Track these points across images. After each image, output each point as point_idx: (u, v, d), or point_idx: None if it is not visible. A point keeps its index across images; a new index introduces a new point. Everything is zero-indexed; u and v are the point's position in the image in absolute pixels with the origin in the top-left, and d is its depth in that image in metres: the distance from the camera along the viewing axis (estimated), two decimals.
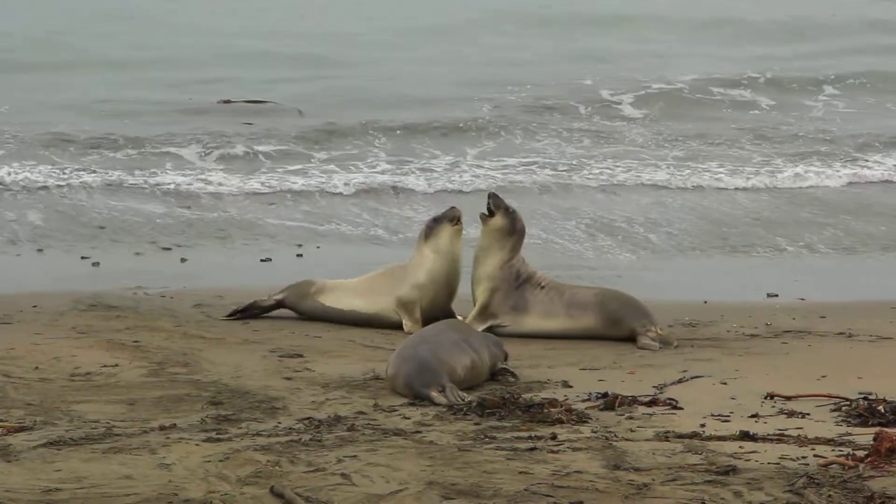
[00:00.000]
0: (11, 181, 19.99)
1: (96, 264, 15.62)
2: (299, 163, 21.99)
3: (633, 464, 7.89)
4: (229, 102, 26.36)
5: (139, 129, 23.63)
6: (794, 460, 8.00)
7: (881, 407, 9.32)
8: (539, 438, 8.49)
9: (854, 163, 23.02)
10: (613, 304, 12.61)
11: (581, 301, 12.67)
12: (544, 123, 25.19)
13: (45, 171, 20.58)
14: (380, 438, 8.47)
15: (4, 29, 33.80)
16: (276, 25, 36.32)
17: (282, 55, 32.14)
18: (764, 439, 8.54)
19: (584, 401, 9.73)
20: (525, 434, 8.63)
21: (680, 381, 10.55)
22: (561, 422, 8.97)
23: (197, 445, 8.25)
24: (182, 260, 16.03)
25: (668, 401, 9.71)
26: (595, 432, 8.72)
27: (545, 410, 9.18)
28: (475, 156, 22.85)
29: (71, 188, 19.84)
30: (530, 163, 22.29)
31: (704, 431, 8.78)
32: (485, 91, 27.72)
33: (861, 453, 8.02)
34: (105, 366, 10.78)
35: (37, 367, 10.70)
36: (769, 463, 7.94)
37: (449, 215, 13.14)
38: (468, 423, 8.96)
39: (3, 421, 8.95)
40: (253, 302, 13.32)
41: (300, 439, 8.41)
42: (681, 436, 8.61)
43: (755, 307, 13.95)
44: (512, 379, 10.57)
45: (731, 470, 7.74)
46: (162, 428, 8.75)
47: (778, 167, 22.45)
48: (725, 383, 10.51)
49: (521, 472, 7.69)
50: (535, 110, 26.22)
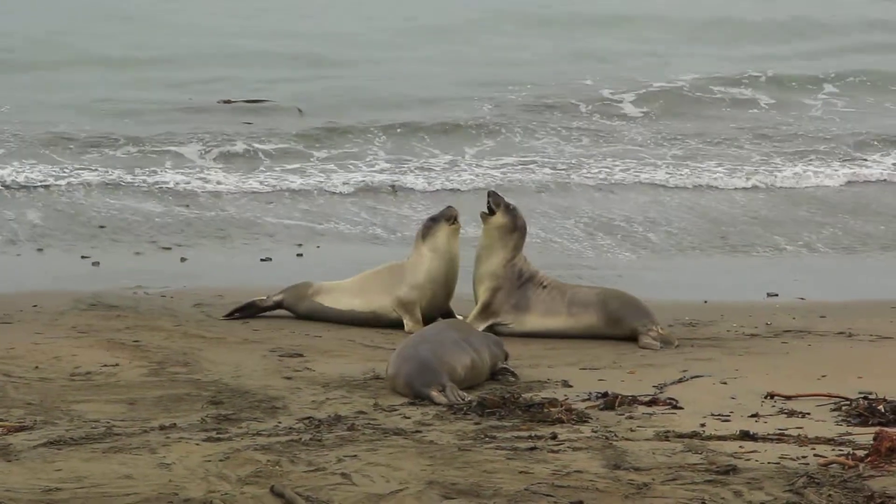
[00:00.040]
0: (11, 180, 19.97)
1: (96, 264, 15.61)
2: (298, 162, 21.99)
3: (634, 463, 7.89)
4: (229, 102, 26.34)
5: (139, 129, 23.61)
6: (795, 460, 8.00)
7: (881, 406, 9.32)
8: (539, 438, 8.49)
9: (853, 162, 23.01)
10: (615, 304, 12.61)
11: (583, 300, 12.67)
12: (543, 122, 25.16)
13: (46, 171, 20.56)
14: (380, 438, 8.47)
15: (4, 29, 33.74)
16: (276, 25, 36.26)
17: (282, 55, 32.10)
18: (764, 439, 8.53)
19: (585, 400, 9.73)
20: (525, 434, 8.63)
21: (680, 381, 10.55)
22: (561, 421, 8.97)
23: (197, 445, 8.25)
24: (182, 259, 16.02)
25: (669, 400, 9.71)
26: (595, 432, 8.71)
27: (545, 410, 9.18)
28: (474, 155, 22.84)
29: (71, 187, 19.83)
30: (529, 162, 22.29)
31: (704, 431, 8.78)
32: (485, 91, 27.68)
33: (861, 453, 8.02)
34: (105, 365, 10.78)
35: (37, 367, 10.70)
36: (769, 462, 7.94)
37: (446, 214, 13.13)
38: (468, 423, 8.96)
39: (4, 420, 8.94)
40: (251, 301, 13.33)
41: (300, 439, 8.41)
42: (681, 435, 8.61)
43: (755, 307, 13.94)
44: (512, 378, 10.57)
45: (732, 469, 7.73)
46: (162, 427, 8.75)
47: (777, 166, 22.45)
48: (725, 383, 10.51)
49: (522, 472, 7.69)
50: (535, 109, 26.19)
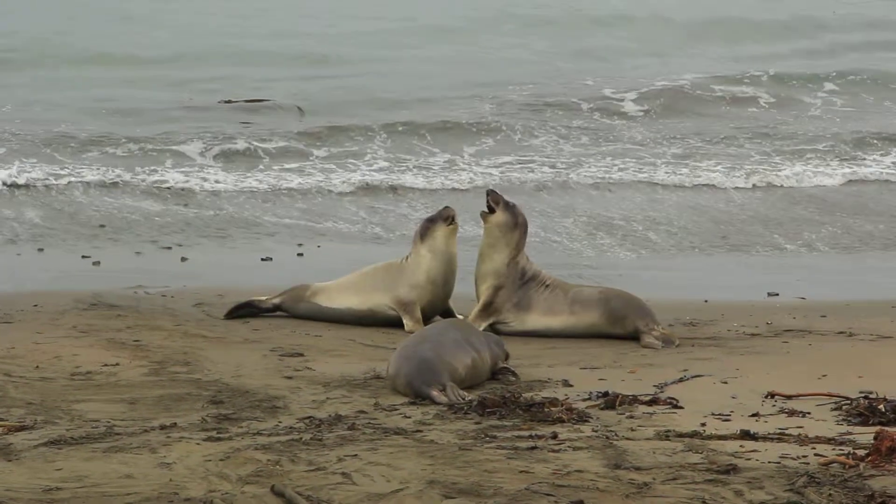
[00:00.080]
0: (12, 180, 19.97)
1: (97, 263, 15.62)
2: (298, 161, 22.00)
3: (634, 463, 7.88)
4: (230, 102, 26.35)
5: (139, 129, 23.63)
6: (795, 459, 7.99)
7: (882, 406, 9.32)
8: (540, 437, 8.48)
9: (853, 161, 23.02)
10: (617, 303, 12.61)
11: (584, 299, 12.68)
12: (543, 121, 25.18)
13: (46, 170, 20.57)
14: (380, 437, 8.47)
15: (5, 29, 33.78)
16: (276, 25, 36.30)
17: (282, 55, 32.12)
18: (764, 438, 8.53)
19: (585, 400, 9.73)
20: (526, 433, 8.62)
21: (680, 381, 10.54)
22: (562, 421, 8.97)
23: (197, 444, 8.25)
24: (182, 259, 16.03)
25: (669, 400, 9.70)
26: (596, 431, 8.71)
27: (546, 409, 9.18)
28: (473, 154, 22.84)
29: (71, 187, 19.83)
30: (528, 161, 22.29)
31: (705, 430, 8.77)
32: (485, 90, 27.70)
33: (862, 452, 8.01)
34: (106, 365, 10.78)
35: (37, 367, 10.70)
36: (770, 462, 7.93)
37: (443, 215, 13.14)
38: (469, 423, 8.95)
39: (4, 420, 8.94)
40: (250, 300, 13.33)
41: (301, 438, 8.41)
42: (681, 435, 8.61)
43: (755, 306, 13.94)
44: (513, 378, 10.57)
45: (732, 469, 7.73)
46: (162, 427, 8.75)
47: (777, 165, 22.45)
48: (726, 382, 10.50)
49: (522, 472, 7.69)
50: (534, 108, 26.20)
